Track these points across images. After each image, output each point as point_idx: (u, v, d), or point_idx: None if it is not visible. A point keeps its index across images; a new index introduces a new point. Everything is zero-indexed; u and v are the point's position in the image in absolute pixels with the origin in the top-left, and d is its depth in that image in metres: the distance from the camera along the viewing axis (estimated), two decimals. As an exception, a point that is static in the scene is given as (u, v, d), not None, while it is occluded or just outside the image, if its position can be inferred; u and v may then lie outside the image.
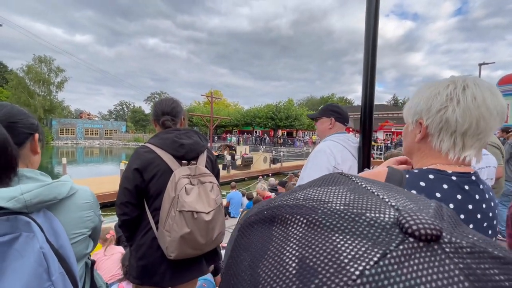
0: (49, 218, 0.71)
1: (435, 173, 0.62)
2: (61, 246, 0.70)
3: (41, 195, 0.70)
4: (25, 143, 0.78)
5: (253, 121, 35.91)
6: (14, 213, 0.65)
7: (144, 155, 1.30)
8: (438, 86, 0.63)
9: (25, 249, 0.63)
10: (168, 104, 1.47)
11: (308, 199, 0.20)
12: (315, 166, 1.74)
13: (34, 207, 0.68)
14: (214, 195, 1.33)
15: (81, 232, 0.82)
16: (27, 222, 0.65)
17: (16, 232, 0.63)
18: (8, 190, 0.66)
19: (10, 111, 0.76)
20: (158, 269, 1.31)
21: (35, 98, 38.79)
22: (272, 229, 0.19)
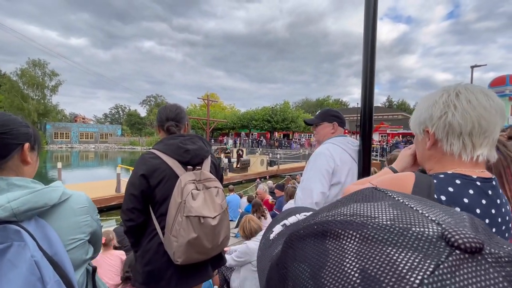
0: (41, 226, 0.70)
1: (461, 178, 0.64)
2: (55, 253, 0.69)
3: (29, 202, 0.68)
4: (12, 154, 0.75)
5: (249, 124, 35.99)
6: (2, 222, 0.63)
7: (150, 161, 1.31)
8: (433, 96, 0.68)
9: (17, 258, 0.61)
10: (172, 110, 1.50)
11: (355, 215, 0.21)
12: (315, 168, 1.75)
13: (23, 215, 0.66)
14: (220, 200, 1.34)
15: (78, 238, 0.80)
16: (17, 230, 0.63)
17: (7, 241, 0.62)
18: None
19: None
20: (164, 274, 1.30)
21: (29, 102, 38.39)
22: (326, 242, 0.21)
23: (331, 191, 1.75)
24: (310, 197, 1.72)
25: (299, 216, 0.37)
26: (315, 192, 1.70)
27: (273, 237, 0.36)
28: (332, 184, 1.74)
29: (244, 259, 2.39)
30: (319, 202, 1.72)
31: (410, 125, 0.78)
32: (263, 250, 0.36)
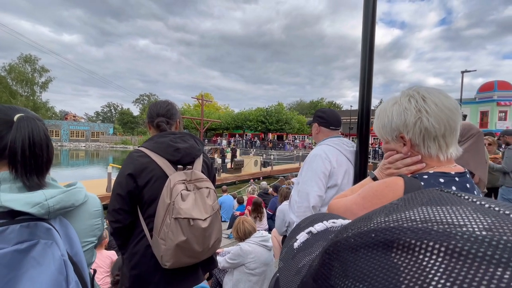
0: (64, 225, 0.70)
1: (443, 176, 0.66)
2: (75, 253, 0.69)
3: (62, 201, 0.68)
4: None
5: (243, 124, 35.97)
6: (35, 219, 0.62)
7: (138, 160, 1.25)
8: (400, 102, 0.69)
9: (43, 256, 0.60)
10: (163, 106, 1.43)
11: (429, 221, 0.17)
12: (311, 171, 1.73)
13: (54, 213, 0.66)
14: (211, 201, 1.29)
15: (91, 241, 0.81)
16: (48, 228, 0.63)
17: (34, 239, 0.61)
18: (32, 196, 0.64)
19: (34, 114, 0.75)
20: (152, 278, 1.25)
21: (17, 99, 37.45)
22: (393, 256, 0.17)
23: (328, 194, 1.72)
24: (307, 201, 1.69)
25: (327, 223, 0.34)
26: (312, 195, 1.67)
27: (298, 246, 0.32)
28: (328, 186, 1.71)
29: (237, 261, 2.36)
30: (316, 206, 1.69)
31: (376, 131, 0.78)
32: (286, 261, 0.32)
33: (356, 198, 0.71)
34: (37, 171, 0.68)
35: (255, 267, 2.35)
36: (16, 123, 0.66)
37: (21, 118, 0.67)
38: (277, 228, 3.52)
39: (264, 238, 2.55)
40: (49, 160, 0.70)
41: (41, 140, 0.68)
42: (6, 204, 0.60)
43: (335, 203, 0.79)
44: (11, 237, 0.59)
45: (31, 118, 0.69)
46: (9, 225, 0.59)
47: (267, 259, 2.46)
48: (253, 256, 2.36)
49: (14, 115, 0.68)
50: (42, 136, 0.68)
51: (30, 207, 0.62)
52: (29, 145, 0.66)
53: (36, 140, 0.67)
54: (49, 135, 0.71)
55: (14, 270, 0.58)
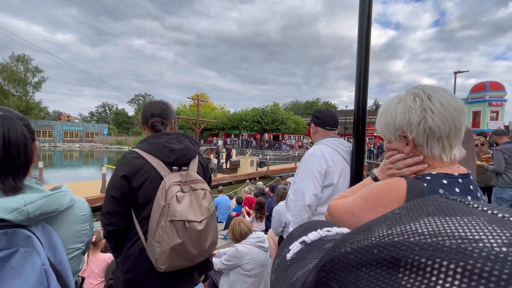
0: (47, 232, 0.66)
1: (446, 177, 0.64)
2: (59, 262, 0.65)
3: (44, 207, 0.64)
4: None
5: (239, 125, 35.90)
6: (13, 226, 0.59)
7: (132, 161, 1.23)
8: (405, 101, 0.67)
9: (22, 265, 0.57)
10: (158, 106, 1.41)
11: (439, 235, 0.15)
12: (306, 169, 1.73)
13: (35, 219, 0.62)
14: (207, 203, 1.27)
15: (77, 247, 0.76)
16: (28, 236, 0.59)
17: (12, 247, 0.57)
18: (9, 201, 0.60)
19: (19, 114, 0.71)
20: (146, 282, 1.22)
21: (9, 99, 36.78)
22: (400, 277, 0.14)
23: (324, 193, 1.72)
24: (303, 199, 1.68)
25: (321, 231, 0.32)
26: (308, 194, 1.67)
27: (291, 258, 0.30)
28: (324, 185, 1.71)
29: (233, 262, 2.34)
30: (312, 204, 1.69)
31: (379, 130, 0.77)
32: (278, 273, 0.30)
33: (357, 199, 0.69)
34: (13, 173, 0.64)
35: (251, 268, 2.33)
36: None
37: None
38: (273, 228, 3.51)
39: (261, 239, 2.54)
40: (27, 161, 0.66)
41: (18, 140, 0.64)
42: None
43: (335, 204, 0.77)
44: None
45: (8, 117, 0.65)
46: None
47: (264, 260, 2.45)
48: (249, 257, 2.35)
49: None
50: (20, 135, 0.64)
51: (7, 213, 0.58)
52: (3, 145, 0.62)
53: (12, 139, 0.63)
54: (28, 135, 0.66)
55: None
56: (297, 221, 1.72)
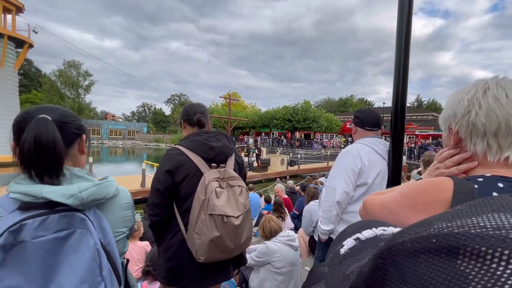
0: (98, 216, 0.74)
1: (502, 181, 0.57)
2: (108, 243, 0.73)
3: (94, 194, 0.73)
4: (74, 143, 0.81)
5: (270, 123, 35.81)
6: (71, 210, 0.68)
7: (175, 157, 1.31)
8: (461, 92, 0.64)
9: (78, 244, 0.66)
10: (199, 106, 1.53)
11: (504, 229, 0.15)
12: (340, 166, 1.69)
13: (88, 205, 0.71)
14: (243, 199, 1.31)
15: (122, 231, 0.85)
16: (83, 219, 0.68)
17: (71, 228, 0.66)
18: (67, 188, 0.69)
19: (63, 112, 0.80)
20: (186, 271, 1.31)
21: (66, 101, 41.07)
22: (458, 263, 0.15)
23: (357, 192, 1.66)
24: (333, 196, 1.65)
25: (376, 230, 0.33)
26: (338, 191, 1.63)
27: (345, 252, 0.32)
28: (357, 184, 1.65)
29: (263, 259, 2.36)
30: (341, 201, 1.64)
31: (438, 120, 0.73)
32: (332, 267, 0.31)
33: (396, 195, 0.65)
34: (45, 172, 0.70)
35: (281, 266, 2.33)
36: (28, 125, 0.70)
37: (35, 119, 0.71)
38: (304, 228, 3.47)
39: (291, 237, 2.52)
40: (56, 158, 0.71)
41: (48, 141, 0.69)
42: (45, 195, 0.66)
43: (371, 199, 0.74)
44: (51, 226, 0.64)
45: (42, 120, 0.71)
46: (49, 214, 0.65)
47: (293, 258, 2.43)
48: (279, 255, 2.35)
49: (37, 115, 0.72)
50: (50, 137, 0.70)
51: (66, 199, 0.67)
52: (35, 145, 0.68)
53: (43, 141, 0.69)
54: (58, 136, 0.72)
55: (55, 256, 0.63)
56: (325, 217, 1.69)
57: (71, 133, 0.79)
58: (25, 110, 0.77)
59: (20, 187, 0.67)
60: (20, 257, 0.60)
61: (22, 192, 0.66)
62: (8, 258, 0.59)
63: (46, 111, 0.75)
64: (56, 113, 0.77)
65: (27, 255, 0.60)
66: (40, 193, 0.66)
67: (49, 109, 0.77)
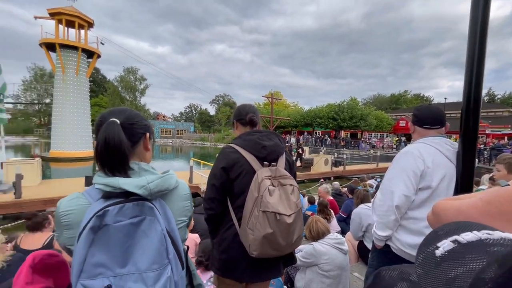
0: (162, 206, 0.82)
1: None
2: (172, 230, 0.80)
3: (159, 185, 0.81)
4: (140, 141, 0.90)
5: (313, 122, 34.77)
6: (142, 199, 0.76)
7: (230, 155, 1.37)
8: None
9: (148, 229, 0.74)
10: (251, 106, 1.60)
11: None
12: (398, 167, 1.55)
13: (154, 195, 0.80)
14: (295, 198, 1.32)
15: (183, 220, 0.93)
16: (151, 207, 0.77)
17: (142, 215, 0.75)
18: (138, 180, 0.78)
19: (130, 114, 0.89)
20: (239, 264, 1.36)
21: (125, 103, 45.97)
22: None
23: (419, 196, 1.51)
24: (390, 199, 1.52)
25: (479, 233, 0.31)
26: (397, 194, 1.50)
27: (442, 255, 0.30)
28: (420, 188, 1.50)
29: (310, 260, 2.31)
30: (401, 206, 1.51)
31: None
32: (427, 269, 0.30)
33: (476, 201, 0.57)
34: (114, 168, 0.79)
35: (329, 269, 2.26)
36: (101, 128, 0.80)
37: (106, 123, 0.80)
38: (353, 232, 3.29)
39: (339, 240, 2.42)
40: (123, 158, 0.80)
41: (115, 142, 0.78)
42: (122, 186, 0.75)
43: (443, 204, 0.66)
44: (127, 212, 0.73)
45: (110, 123, 0.80)
46: (125, 203, 0.74)
47: (342, 262, 2.33)
48: (327, 257, 2.27)
49: (108, 119, 0.82)
50: (116, 138, 0.78)
51: (138, 189, 0.75)
52: (104, 145, 0.78)
53: (110, 143, 0.78)
54: (123, 137, 0.80)
55: (130, 239, 0.72)
56: (381, 222, 1.58)
57: (137, 133, 0.88)
58: (101, 113, 0.88)
59: (102, 179, 0.78)
60: (105, 238, 0.70)
61: (104, 183, 0.77)
62: (96, 239, 0.69)
63: (116, 114, 0.85)
64: (124, 115, 0.86)
65: (110, 236, 0.70)
66: (118, 184, 0.75)
67: (118, 111, 0.88)
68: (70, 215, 0.78)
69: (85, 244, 0.68)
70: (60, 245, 0.83)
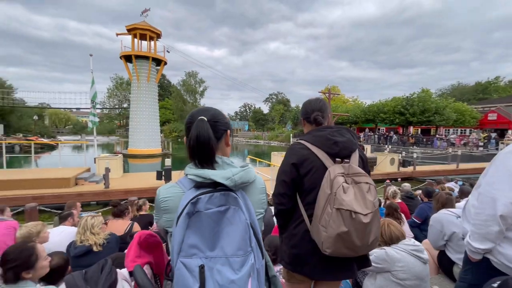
0: (244, 197, 0.87)
1: None
2: (253, 220, 0.84)
3: (242, 178, 0.87)
4: (222, 137, 0.98)
5: (376, 117, 31.80)
6: (227, 190, 0.83)
7: (300, 151, 1.38)
8: None
9: (233, 218, 0.80)
10: (317, 103, 1.55)
11: None
12: (504, 169, 1.33)
13: (238, 186, 0.86)
14: (372, 197, 1.25)
15: (260, 212, 0.98)
16: (235, 197, 0.83)
17: (227, 204, 0.81)
18: (225, 172, 0.86)
19: (214, 113, 0.97)
20: (309, 260, 1.34)
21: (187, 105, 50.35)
22: None
23: None
24: (492, 208, 1.31)
25: None
26: (501, 202, 1.28)
27: None
28: None
29: (381, 265, 2.09)
30: (507, 215, 1.28)
31: None
32: None
33: None
34: (203, 160, 0.88)
35: (405, 278, 2.00)
36: (193, 126, 0.89)
37: (197, 120, 0.90)
38: (432, 240, 2.85)
39: (417, 248, 2.13)
40: (211, 152, 0.88)
41: (204, 138, 0.86)
42: (211, 177, 0.83)
43: None
44: (215, 201, 0.80)
45: (200, 120, 0.89)
46: (213, 192, 0.81)
47: (422, 272, 2.04)
48: (403, 265, 2.02)
49: (198, 117, 0.91)
50: (205, 134, 0.87)
51: (225, 180, 0.82)
52: (196, 141, 0.86)
53: (201, 139, 0.86)
54: (210, 134, 0.87)
55: (218, 226, 0.79)
56: (479, 233, 1.38)
57: (220, 129, 0.96)
58: (190, 113, 0.99)
59: (194, 171, 0.87)
60: (197, 223, 0.78)
61: (196, 174, 0.85)
62: (190, 223, 0.78)
63: (203, 113, 0.94)
64: (209, 114, 0.95)
65: (201, 222, 0.78)
66: (208, 176, 0.83)
67: (205, 110, 0.96)
68: (168, 201, 0.90)
69: (183, 227, 0.77)
70: (159, 226, 0.95)
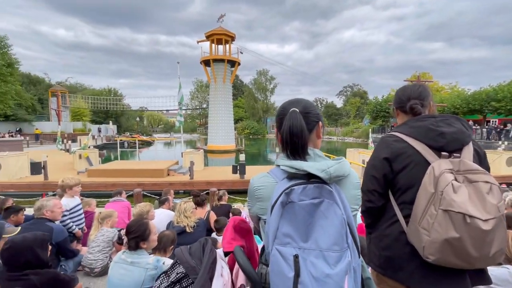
0: (338, 191, 0.82)
1: None
2: (348, 216, 0.79)
3: (337, 171, 0.83)
4: (314, 129, 0.96)
5: (484, 107, 25.35)
6: (321, 182, 0.80)
7: (394, 144, 1.25)
8: None
9: (327, 211, 0.77)
10: (414, 89, 1.37)
11: None
12: None
13: (332, 179, 0.82)
14: (495, 200, 1.03)
15: (355, 208, 0.93)
16: (330, 191, 0.79)
17: (321, 197, 0.78)
18: (319, 164, 0.83)
19: (305, 104, 0.95)
20: (405, 265, 1.20)
21: (258, 103, 52.21)
22: None
23: None
24: None
25: None
26: None
27: None
28: None
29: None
30: None
31: None
32: None
33: None
34: (296, 152, 0.88)
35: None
36: (285, 118, 0.90)
37: (289, 112, 0.90)
38: None
39: None
40: (304, 144, 0.87)
41: (297, 129, 0.87)
42: (305, 168, 0.81)
43: None
44: (309, 193, 0.78)
45: (293, 112, 0.90)
46: (307, 184, 0.79)
47: None
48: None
49: (290, 109, 0.91)
50: (298, 126, 0.87)
51: (320, 172, 0.80)
52: (290, 132, 0.87)
53: (293, 130, 0.86)
54: (303, 125, 0.87)
55: (311, 218, 0.77)
56: None
57: (312, 121, 0.94)
58: (281, 105, 0.98)
59: (287, 162, 0.86)
60: (291, 213, 0.77)
61: (289, 165, 0.85)
62: (284, 212, 0.78)
63: (295, 104, 0.94)
64: (301, 105, 0.94)
65: (295, 212, 0.77)
66: (301, 167, 0.82)
67: (296, 102, 0.95)
68: (261, 190, 0.92)
69: (277, 216, 0.78)
70: (252, 213, 0.98)
